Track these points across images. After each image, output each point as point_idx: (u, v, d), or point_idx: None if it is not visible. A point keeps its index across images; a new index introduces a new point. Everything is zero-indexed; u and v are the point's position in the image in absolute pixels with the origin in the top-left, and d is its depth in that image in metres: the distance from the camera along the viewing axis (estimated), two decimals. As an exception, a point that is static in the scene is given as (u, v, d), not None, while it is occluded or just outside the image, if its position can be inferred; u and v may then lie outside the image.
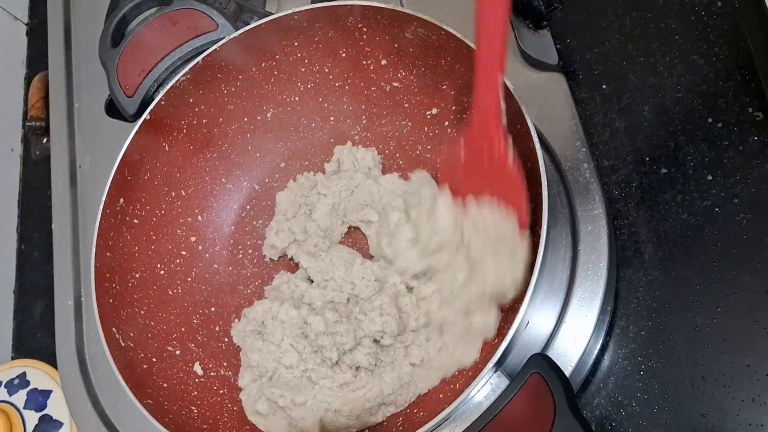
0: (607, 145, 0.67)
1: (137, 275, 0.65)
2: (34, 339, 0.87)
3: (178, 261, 0.69)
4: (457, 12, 0.69)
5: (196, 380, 0.63)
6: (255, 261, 0.72)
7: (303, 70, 0.70)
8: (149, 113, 0.65)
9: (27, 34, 1.03)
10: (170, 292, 0.67)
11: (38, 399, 0.79)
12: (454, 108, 0.65)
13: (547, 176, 0.51)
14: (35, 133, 0.92)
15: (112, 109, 0.78)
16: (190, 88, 0.67)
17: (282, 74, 0.70)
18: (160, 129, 0.67)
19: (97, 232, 0.61)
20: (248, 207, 0.73)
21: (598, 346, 0.61)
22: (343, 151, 0.71)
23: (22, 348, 0.88)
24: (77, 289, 0.78)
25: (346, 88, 0.71)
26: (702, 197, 0.62)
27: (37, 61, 1.00)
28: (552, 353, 0.57)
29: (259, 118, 0.72)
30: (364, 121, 0.72)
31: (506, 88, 0.55)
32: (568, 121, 0.64)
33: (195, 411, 0.60)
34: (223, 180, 0.72)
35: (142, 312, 0.64)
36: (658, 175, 0.64)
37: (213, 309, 0.69)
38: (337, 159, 0.71)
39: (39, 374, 0.81)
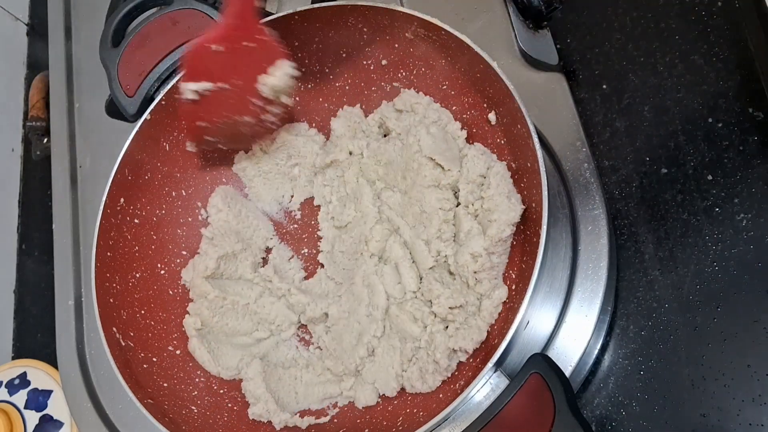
0: (607, 145, 0.67)
1: (138, 275, 0.65)
2: (35, 339, 0.87)
3: (178, 261, 0.69)
4: (457, 12, 0.70)
5: (196, 380, 0.63)
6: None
7: (303, 70, 0.70)
8: (150, 113, 0.65)
9: (27, 35, 1.03)
10: (171, 292, 0.67)
11: (39, 399, 0.79)
12: (454, 108, 0.65)
13: (547, 176, 0.52)
14: (36, 133, 0.92)
15: (113, 109, 0.78)
16: (191, 88, 0.67)
17: (282, 74, 0.70)
18: (160, 129, 0.67)
19: (97, 231, 0.61)
20: (248, 207, 0.73)
21: (598, 346, 0.61)
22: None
23: (22, 348, 0.88)
24: (78, 289, 0.78)
25: (347, 88, 0.71)
26: (702, 197, 0.62)
27: (37, 61, 1.00)
28: (552, 353, 0.57)
29: (259, 118, 0.72)
30: (364, 121, 0.72)
31: (506, 88, 0.55)
32: (568, 121, 0.64)
33: (195, 410, 0.60)
34: (224, 180, 0.72)
35: (143, 312, 0.64)
36: (658, 175, 0.64)
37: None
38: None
39: (39, 374, 0.81)
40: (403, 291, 0.62)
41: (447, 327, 0.58)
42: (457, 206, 0.61)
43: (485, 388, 0.51)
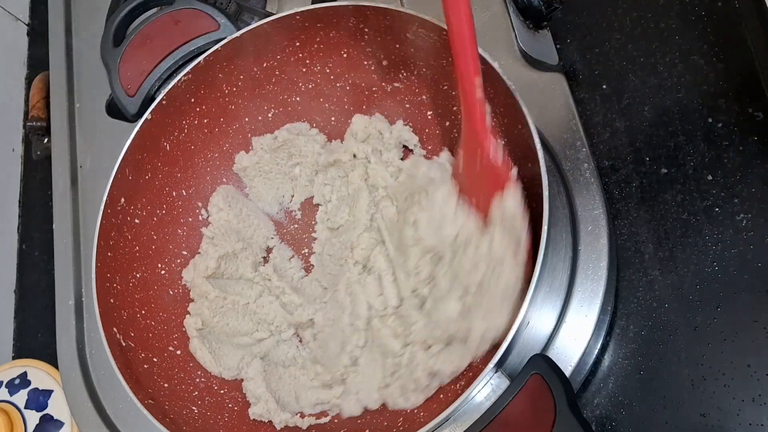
0: (607, 145, 0.67)
1: (138, 275, 0.65)
2: (35, 339, 0.87)
3: (179, 261, 0.69)
4: (457, 12, 0.69)
5: (197, 380, 0.63)
6: (256, 261, 0.72)
7: (304, 70, 0.70)
8: (150, 113, 0.65)
9: (28, 35, 1.03)
10: (171, 292, 0.67)
11: (39, 399, 0.79)
12: (455, 109, 0.65)
13: (547, 176, 0.51)
14: (36, 133, 0.92)
15: (113, 109, 0.79)
16: (192, 88, 0.67)
17: (283, 74, 0.70)
18: (161, 129, 0.67)
19: (98, 231, 0.61)
20: (249, 207, 0.73)
21: (598, 346, 0.61)
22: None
23: (23, 348, 0.88)
24: (78, 288, 0.78)
25: (348, 88, 0.71)
26: (702, 197, 0.62)
27: (38, 61, 1.00)
28: (552, 353, 0.57)
29: (260, 118, 0.72)
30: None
31: (507, 88, 0.55)
32: (568, 121, 0.64)
33: (195, 411, 0.60)
34: (224, 180, 0.72)
35: (143, 312, 0.64)
36: (658, 175, 0.65)
37: (214, 309, 0.69)
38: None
39: (40, 374, 0.81)
40: (384, 304, 0.61)
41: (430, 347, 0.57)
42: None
43: (486, 389, 0.51)
